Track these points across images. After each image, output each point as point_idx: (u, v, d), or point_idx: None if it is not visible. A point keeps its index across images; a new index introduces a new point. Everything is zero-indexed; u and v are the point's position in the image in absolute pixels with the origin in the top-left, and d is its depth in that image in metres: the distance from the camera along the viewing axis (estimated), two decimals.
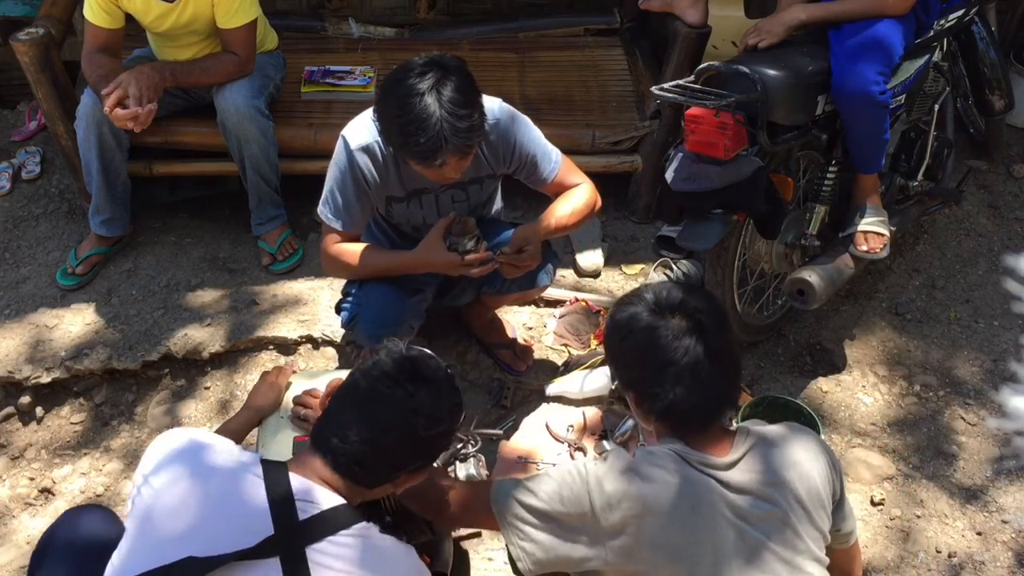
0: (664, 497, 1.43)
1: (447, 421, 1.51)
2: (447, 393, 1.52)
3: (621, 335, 1.53)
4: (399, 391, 1.46)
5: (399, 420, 1.45)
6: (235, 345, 2.74)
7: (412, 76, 1.91)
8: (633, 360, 1.53)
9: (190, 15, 2.71)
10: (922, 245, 3.21)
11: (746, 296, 2.72)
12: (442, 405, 1.50)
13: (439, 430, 1.49)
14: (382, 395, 1.46)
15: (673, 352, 1.46)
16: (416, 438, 1.47)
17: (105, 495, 2.47)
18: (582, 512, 1.46)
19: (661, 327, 1.48)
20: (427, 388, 1.48)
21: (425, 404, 1.47)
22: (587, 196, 2.30)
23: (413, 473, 1.51)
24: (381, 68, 3.27)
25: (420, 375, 1.49)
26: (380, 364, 1.50)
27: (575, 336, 2.85)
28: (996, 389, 2.74)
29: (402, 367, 1.49)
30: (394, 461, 1.48)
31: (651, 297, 1.54)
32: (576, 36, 3.57)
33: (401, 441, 1.46)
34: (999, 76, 3.07)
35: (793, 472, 1.49)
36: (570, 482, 1.49)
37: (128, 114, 2.57)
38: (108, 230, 2.96)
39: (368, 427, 1.44)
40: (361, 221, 2.27)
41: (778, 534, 1.45)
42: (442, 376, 1.53)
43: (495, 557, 2.28)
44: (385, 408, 1.45)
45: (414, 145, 1.90)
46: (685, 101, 2.27)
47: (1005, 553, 2.34)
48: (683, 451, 1.48)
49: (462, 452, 2.05)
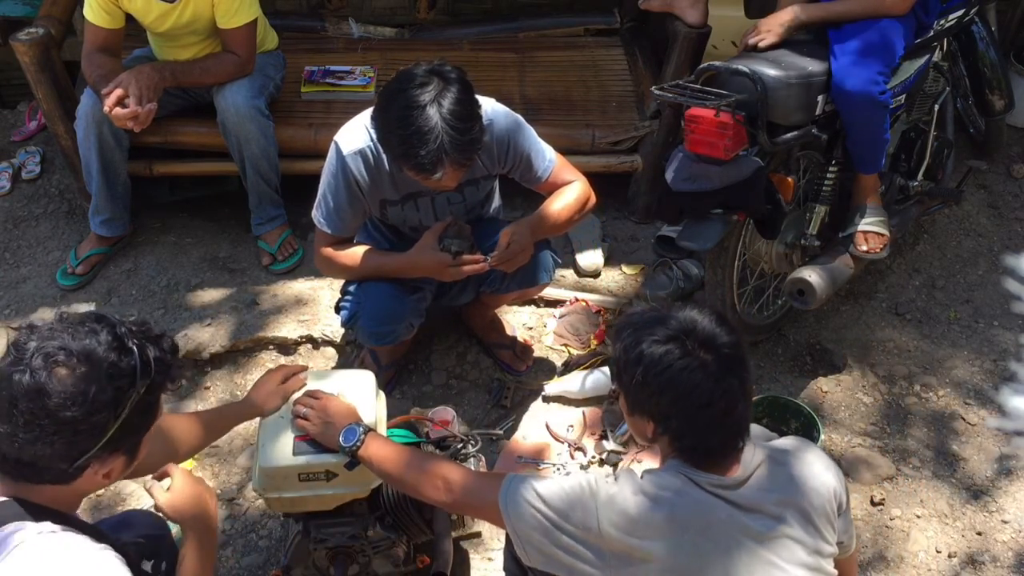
0: (674, 522, 1.41)
1: (96, 393, 1.25)
2: (100, 362, 1.26)
3: (650, 373, 1.43)
4: (25, 373, 1.23)
5: (29, 407, 1.22)
6: (235, 345, 2.74)
7: (413, 87, 1.90)
8: (664, 400, 1.44)
9: (190, 15, 2.71)
10: (922, 245, 3.21)
11: (746, 296, 2.72)
12: (86, 377, 1.24)
13: (85, 408, 1.24)
14: (10, 380, 1.23)
15: (711, 395, 1.40)
16: (60, 422, 1.23)
17: (105, 495, 2.47)
18: (587, 528, 1.43)
19: (698, 370, 1.40)
20: (61, 363, 1.24)
21: (56, 383, 1.22)
22: (579, 191, 2.30)
23: (101, 459, 1.30)
24: (381, 68, 3.28)
25: (51, 348, 1.24)
26: (15, 341, 1.27)
27: (575, 336, 2.85)
28: (996, 389, 2.74)
29: (36, 339, 1.26)
30: (60, 452, 1.25)
31: (678, 327, 1.44)
32: (576, 36, 3.57)
33: (44, 429, 1.22)
34: (999, 76, 3.06)
35: (802, 489, 1.48)
36: (579, 496, 1.46)
37: (128, 113, 2.57)
38: (108, 230, 2.96)
39: (5, 419, 1.23)
40: (353, 225, 2.28)
41: (789, 552, 1.44)
42: (91, 341, 1.27)
43: (495, 557, 2.28)
44: (14, 392, 1.22)
45: (414, 157, 1.90)
46: (685, 101, 2.27)
47: (1005, 553, 2.34)
48: (692, 473, 1.45)
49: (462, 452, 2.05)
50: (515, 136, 2.21)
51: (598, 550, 1.43)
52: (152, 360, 1.32)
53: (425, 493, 1.64)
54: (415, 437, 2.08)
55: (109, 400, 1.26)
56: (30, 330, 1.29)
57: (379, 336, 2.38)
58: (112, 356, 1.27)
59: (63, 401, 1.23)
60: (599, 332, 2.84)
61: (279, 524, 2.36)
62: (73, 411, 1.23)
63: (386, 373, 2.68)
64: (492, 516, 1.55)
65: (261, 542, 2.35)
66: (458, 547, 2.30)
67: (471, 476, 1.63)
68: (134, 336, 1.32)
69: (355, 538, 1.91)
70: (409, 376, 2.76)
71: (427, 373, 2.76)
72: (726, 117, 2.20)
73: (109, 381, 1.26)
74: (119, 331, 1.31)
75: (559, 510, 1.46)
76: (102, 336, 1.29)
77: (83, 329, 1.29)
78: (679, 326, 1.45)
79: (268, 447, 1.79)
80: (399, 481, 1.69)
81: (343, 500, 1.84)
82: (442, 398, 2.69)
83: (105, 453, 1.29)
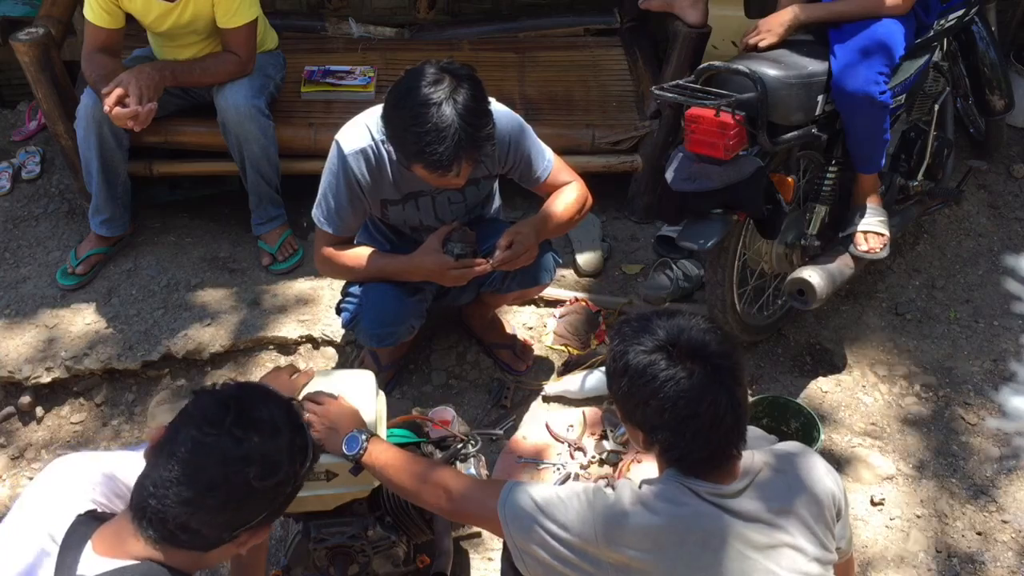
0: (673, 533, 1.41)
1: (286, 465, 1.30)
2: (286, 433, 1.31)
3: (636, 383, 1.42)
4: (225, 438, 1.24)
5: (227, 474, 1.24)
6: (235, 345, 2.74)
7: (425, 85, 1.90)
8: (650, 411, 1.42)
9: (191, 15, 2.71)
10: (922, 245, 3.21)
11: (746, 296, 2.72)
12: (279, 448, 1.29)
13: (277, 478, 1.28)
14: (205, 445, 1.24)
15: (696, 406, 1.38)
16: (251, 491, 1.26)
17: None
18: (585, 540, 1.42)
19: (683, 380, 1.39)
20: (259, 431, 1.27)
21: (257, 450, 1.26)
22: (578, 193, 2.32)
23: (256, 529, 1.32)
24: (381, 68, 3.28)
25: (249, 416, 1.27)
26: (201, 405, 1.29)
27: (575, 336, 2.85)
28: (996, 389, 2.74)
29: (226, 407, 1.27)
30: (228, 521, 1.27)
31: (664, 337, 1.43)
32: (576, 36, 3.57)
33: (232, 498, 1.25)
34: (999, 76, 3.06)
35: (802, 496, 1.48)
36: (577, 507, 1.45)
37: (128, 113, 2.57)
38: (108, 230, 2.96)
39: (190, 485, 1.22)
40: (353, 225, 2.28)
41: (788, 561, 1.43)
42: (278, 413, 1.32)
43: (495, 557, 2.28)
44: (209, 460, 1.23)
45: (431, 155, 1.90)
46: (685, 101, 2.27)
47: (1005, 553, 2.34)
48: (691, 482, 1.44)
49: (462, 452, 2.05)
50: (516, 136, 2.22)
51: (596, 561, 1.42)
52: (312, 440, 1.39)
53: (426, 501, 1.65)
54: (415, 437, 2.08)
55: (292, 474, 1.31)
56: (212, 395, 1.31)
57: (380, 338, 2.38)
58: (291, 432, 1.32)
59: (261, 470, 1.26)
60: (599, 332, 2.84)
61: (279, 524, 2.36)
62: (267, 480, 1.26)
63: (386, 373, 2.68)
64: (492, 525, 1.55)
65: None
66: (458, 547, 2.30)
67: (471, 485, 1.63)
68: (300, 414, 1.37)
69: (355, 538, 1.91)
70: (409, 376, 2.76)
71: (427, 373, 2.77)
72: (726, 117, 2.20)
73: (295, 456, 1.31)
74: (294, 409, 1.35)
75: (557, 521, 1.45)
76: (282, 412, 1.33)
77: (266, 401, 1.32)
78: (666, 336, 1.44)
79: None
80: (400, 489, 1.70)
81: (343, 500, 1.84)
82: (442, 398, 2.69)
83: (261, 525, 1.32)
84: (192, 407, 1.30)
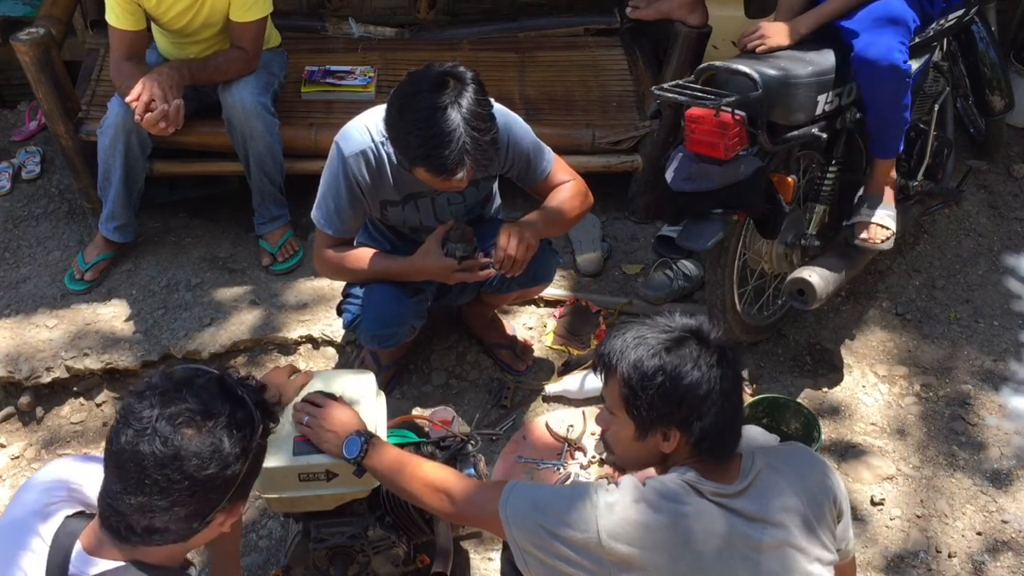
0: (675, 532, 1.41)
1: (229, 446, 1.26)
2: (221, 414, 1.27)
3: (672, 378, 1.44)
4: (154, 440, 1.21)
5: (166, 475, 1.22)
6: (235, 345, 2.74)
7: (429, 89, 1.90)
8: (687, 404, 1.45)
9: (208, 9, 2.71)
10: (922, 245, 3.21)
11: (746, 296, 2.72)
12: (214, 433, 1.25)
13: (223, 463, 1.25)
14: (138, 451, 1.22)
15: (709, 381, 1.44)
16: (199, 483, 1.24)
17: None
18: (587, 537, 1.42)
19: (715, 366, 1.45)
20: (189, 423, 1.24)
21: (189, 445, 1.23)
22: (578, 191, 2.32)
23: (229, 508, 1.31)
24: (381, 68, 3.28)
25: (177, 409, 1.24)
26: (128, 408, 1.25)
27: (575, 336, 2.85)
28: (996, 389, 2.74)
29: (151, 406, 1.24)
30: (192, 513, 1.26)
31: (678, 333, 1.49)
32: (576, 36, 3.57)
33: (183, 495, 1.23)
34: (999, 76, 3.06)
35: (802, 496, 1.48)
36: (579, 505, 1.45)
37: (157, 115, 2.58)
38: (122, 236, 2.96)
39: (137, 493, 1.22)
40: (353, 226, 2.28)
41: (790, 560, 1.44)
42: (207, 396, 1.27)
43: (495, 557, 2.28)
44: (145, 465, 1.21)
45: (437, 158, 1.90)
46: (685, 101, 2.27)
47: (1005, 553, 2.34)
48: (695, 480, 1.45)
49: (462, 452, 2.05)
50: (516, 137, 2.22)
51: (598, 559, 1.42)
52: (257, 404, 1.35)
53: (427, 504, 1.65)
54: (415, 437, 2.09)
55: (240, 451, 1.28)
56: (139, 396, 1.27)
57: (382, 339, 2.38)
58: (228, 408, 1.29)
59: (200, 461, 1.24)
60: (599, 332, 2.84)
61: (279, 524, 2.36)
62: (211, 469, 1.24)
63: (386, 373, 2.68)
64: (493, 526, 1.55)
65: (261, 542, 2.35)
66: (458, 547, 2.30)
67: (472, 486, 1.63)
68: (237, 385, 1.34)
69: (355, 538, 1.91)
70: (409, 376, 2.76)
71: (427, 373, 2.77)
72: (726, 117, 2.20)
73: (235, 433, 1.28)
74: (227, 383, 1.32)
75: (559, 519, 1.45)
76: (213, 390, 1.30)
77: (193, 385, 1.29)
78: (679, 331, 1.49)
79: (268, 447, 1.78)
80: (401, 491, 1.70)
81: (343, 500, 1.84)
82: (442, 398, 2.69)
83: (231, 503, 1.31)
84: (121, 411, 1.27)
